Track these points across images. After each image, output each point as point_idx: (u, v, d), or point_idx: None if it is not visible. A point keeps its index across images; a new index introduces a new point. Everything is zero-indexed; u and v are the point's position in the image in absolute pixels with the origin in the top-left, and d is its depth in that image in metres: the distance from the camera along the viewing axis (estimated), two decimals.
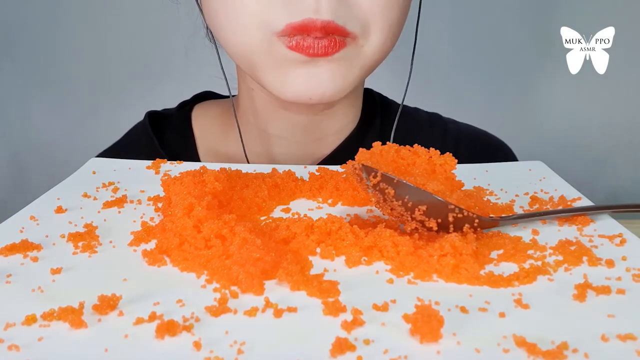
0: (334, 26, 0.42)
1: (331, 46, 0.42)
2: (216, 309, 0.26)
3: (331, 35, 0.42)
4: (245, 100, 0.54)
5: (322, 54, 0.42)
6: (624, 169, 1.09)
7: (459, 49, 1.05)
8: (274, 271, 0.29)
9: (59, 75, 1.06)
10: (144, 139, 0.56)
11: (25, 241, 0.32)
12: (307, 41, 0.42)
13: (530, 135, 1.05)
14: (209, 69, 0.56)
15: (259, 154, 0.54)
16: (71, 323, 0.24)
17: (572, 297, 0.27)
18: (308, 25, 0.41)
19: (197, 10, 0.51)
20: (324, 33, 0.42)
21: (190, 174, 0.36)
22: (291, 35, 0.42)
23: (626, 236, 0.33)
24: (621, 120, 1.07)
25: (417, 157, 0.36)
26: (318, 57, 0.43)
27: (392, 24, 0.45)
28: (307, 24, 0.41)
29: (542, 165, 0.46)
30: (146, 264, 0.30)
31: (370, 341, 0.23)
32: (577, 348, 0.23)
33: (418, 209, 0.32)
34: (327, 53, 0.43)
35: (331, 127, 0.54)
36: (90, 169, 0.44)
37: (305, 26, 0.41)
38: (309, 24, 0.41)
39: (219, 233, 0.32)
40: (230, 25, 0.45)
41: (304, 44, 0.42)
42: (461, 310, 0.26)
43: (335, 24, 0.42)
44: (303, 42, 0.42)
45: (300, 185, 0.41)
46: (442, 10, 1.01)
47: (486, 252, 0.31)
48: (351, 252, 0.31)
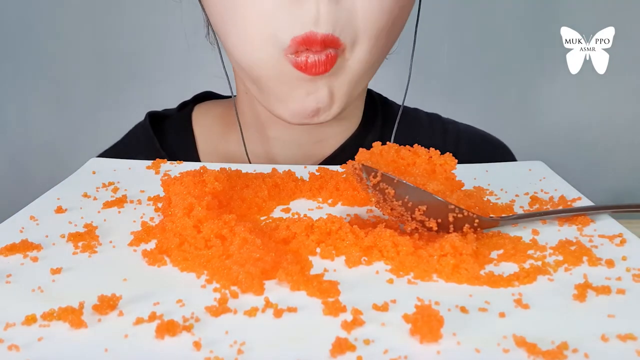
0: (332, 39, 0.41)
1: (328, 62, 0.42)
2: (216, 309, 0.26)
3: (328, 49, 0.42)
4: (244, 102, 0.54)
5: (322, 71, 0.42)
6: (624, 169, 1.09)
7: (459, 49, 1.05)
8: (274, 271, 0.29)
9: (59, 75, 1.07)
10: (145, 139, 0.56)
11: (25, 241, 0.32)
12: (310, 59, 0.42)
13: (530, 135, 1.05)
14: (209, 68, 0.56)
15: (259, 155, 0.54)
16: (71, 323, 0.24)
17: (572, 297, 0.27)
18: (310, 38, 0.41)
19: (197, 9, 0.51)
20: (323, 47, 0.41)
21: (190, 174, 0.36)
22: (297, 52, 0.42)
23: (626, 236, 0.33)
24: (621, 120, 1.07)
25: (417, 157, 0.36)
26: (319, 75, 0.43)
27: (379, 34, 0.44)
28: (309, 37, 0.41)
29: (542, 165, 0.46)
30: (146, 264, 0.30)
31: (370, 341, 0.23)
32: (577, 348, 0.23)
33: (418, 209, 0.32)
34: (326, 70, 0.42)
35: (332, 130, 0.53)
36: (90, 169, 0.44)
37: (308, 39, 0.41)
38: (311, 37, 0.41)
39: (219, 233, 0.32)
40: (237, 35, 0.44)
41: (309, 63, 0.42)
42: (461, 310, 0.26)
43: (333, 37, 0.41)
44: (307, 60, 0.42)
45: (300, 185, 0.41)
46: (442, 10, 1.01)
47: (486, 252, 0.31)
48: (351, 252, 0.31)
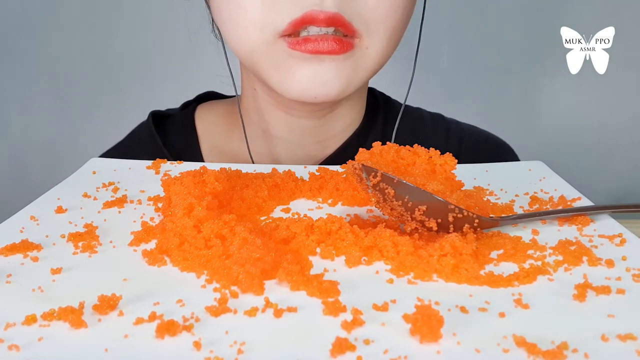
0: (340, 18, 0.41)
1: (339, 47, 0.42)
2: (216, 309, 0.26)
3: (337, 29, 0.42)
4: (248, 100, 0.54)
5: (327, 51, 0.42)
6: (624, 169, 1.09)
7: (460, 49, 1.05)
8: (274, 271, 0.29)
9: (60, 75, 1.06)
10: (148, 138, 0.56)
11: (25, 241, 0.32)
12: (312, 31, 0.42)
13: (530, 135, 1.05)
14: (211, 68, 0.56)
15: (261, 154, 0.54)
16: (71, 323, 0.24)
17: (572, 297, 0.27)
18: (311, 15, 0.41)
19: (201, 8, 0.51)
20: (328, 24, 0.41)
21: (190, 174, 0.36)
22: (294, 33, 0.42)
23: (626, 236, 0.33)
24: (621, 120, 1.07)
25: (417, 157, 0.37)
26: (323, 54, 0.43)
27: (396, 26, 0.45)
28: (309, 15, 0.41)
29: (542, 165, 0.46)
30: (146, 264, 0.30)
31: (370, 341, 0.23)
32: (577, 348, 0.23)
33: (418, 209, 0.32)
34: (334, 52, 0.42)
35: (334, 129, 0.54)
36: (90, 169, 0.44)
37: (308, 16, 0.41)
38: (312, 15, 0.41)
39: (219, 233, 0.32)
40: (233, 24, 0.45)
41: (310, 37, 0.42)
42: (461, 310, 0.26)
43: (341, 17, 0.41)
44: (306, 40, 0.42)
45: (300, 185, 0.41)
46: (443, 10, 1.01)
47: (486, 252, 0.31)
48: (351, 252, 0.31)
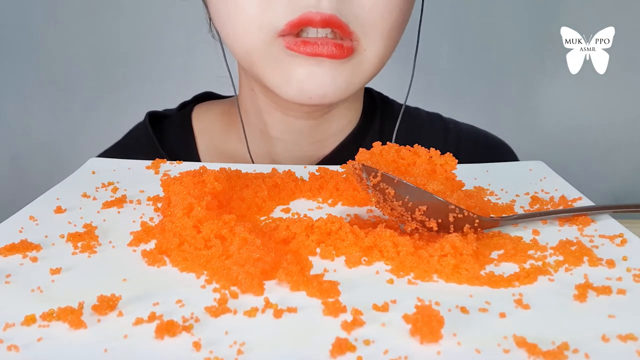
0: (336, 20, 0.41)
1: (339, 52, 0.42)
2: (216, 309, 0.25)
3: (334, 30, 0.42)
4: (246, 100, 0.54)
5: (327, 55, 0.42)
6: (624, 169, 1.09)
7: (459, 49, 1.05)
8: (273, 271, 0.29)
9: (58, 75, 1.06)
10: (145, 139, 0.56)
11: (25, 241, 0.32)
12: (310, 33, 0.42)
13: (530, 135, 1.05)
14: (209, 69, 0.56)
15: (259, 154, 0.54)
16: (70, 323, 0.24)
17: (573, 298, 0.27)
18: (307, 17, 0.41)
19: (198, 9, 0.51)
20: (324, 26, 0.41)
21: (189, 174, 0.36)
22: (292, 34, 0.42)
23: (627, 236, 0.33)
24: (621, 120, 1.07)
25: (417, 157, 0.36)
26: (322, 57, 0.43)
27: (392, 28, 0.45)
28: (306, 17, 0.41)
29: (543, 165, 0.46)
30: (146, 264, 0.30)
31: (371, 341, 0.23)
32: (578, 348, 0.23)
33: (418, 209, 0.32)
34: (334, 56, 0.42)
35: (331, 130, 0.54)
36: (90, 169, 0.44)
37: (305, 18, 0.41)
38: (308, 16, 0.41)
39: (218, 233, 0.31)
40: (231, 24, 0.45)
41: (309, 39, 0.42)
42: (461, 310, 0.26)
43: (338, 18, 0.41)
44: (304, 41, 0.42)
45: (300, 185, 0.41)
46: (442, 10, 1.01)
47: (486, 252, 0.31)
48: (351, 252, 0.31)
